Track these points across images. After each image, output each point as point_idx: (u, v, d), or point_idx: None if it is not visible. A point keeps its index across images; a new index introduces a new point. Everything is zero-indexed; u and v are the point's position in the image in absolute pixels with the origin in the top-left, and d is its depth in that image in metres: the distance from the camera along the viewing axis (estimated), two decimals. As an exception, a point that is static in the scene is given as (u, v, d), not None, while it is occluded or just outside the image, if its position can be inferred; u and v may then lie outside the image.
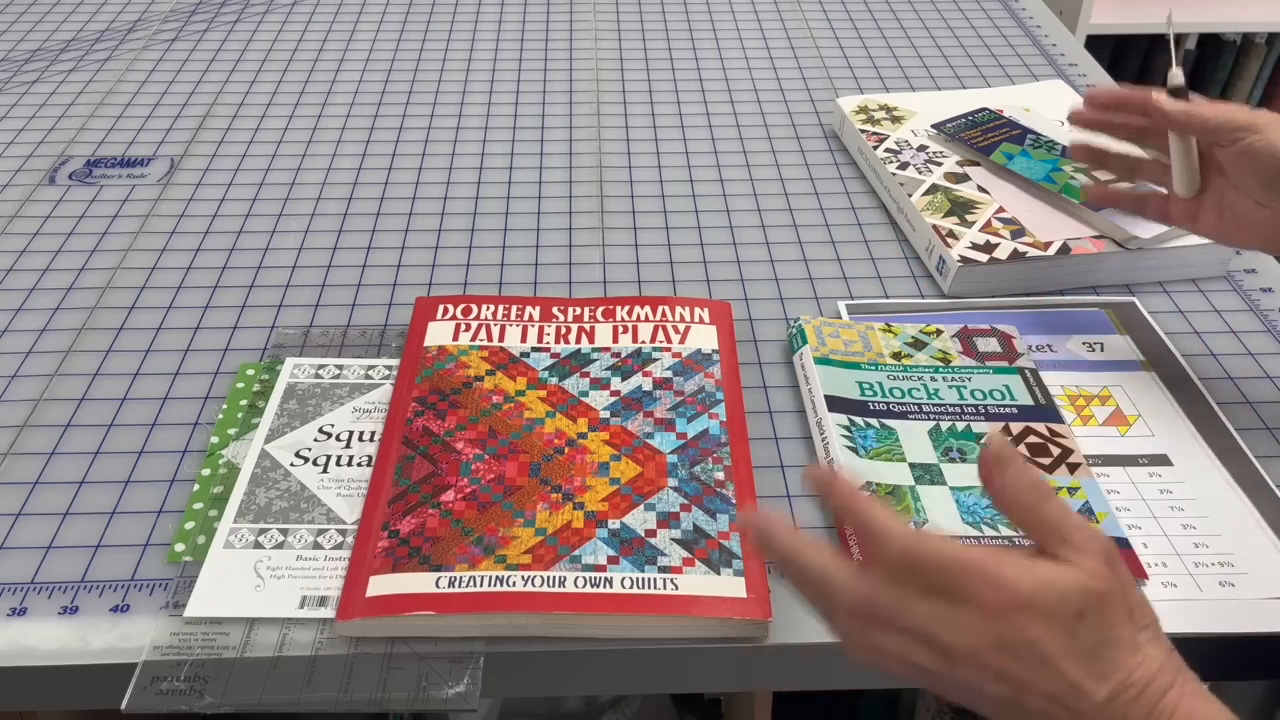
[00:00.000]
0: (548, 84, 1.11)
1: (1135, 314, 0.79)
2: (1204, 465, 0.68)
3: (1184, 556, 0.62)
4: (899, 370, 0.73)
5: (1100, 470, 0.67)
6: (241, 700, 0.55)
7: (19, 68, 1.12)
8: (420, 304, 0.79)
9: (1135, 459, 0.68)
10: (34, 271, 0.84)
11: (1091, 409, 0.71)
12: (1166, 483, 0.67)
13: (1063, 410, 0.71)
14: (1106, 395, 0.72)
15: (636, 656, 0.59)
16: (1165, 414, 0.71)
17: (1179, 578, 0.61)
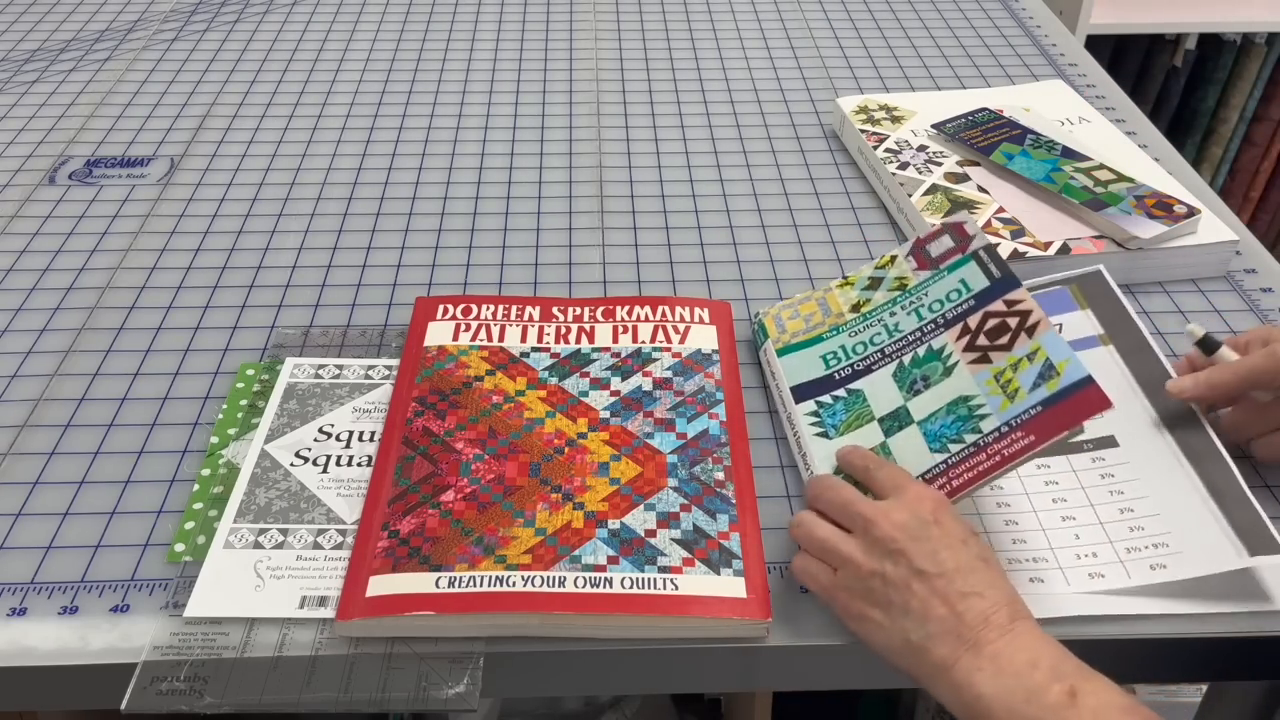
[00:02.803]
0: (548, 84, 1.11)
1: (1098, 283, 0.77)
2: (1151, 440, 0.67)
3: (1115, 543, 0.62)
4: (859, 323, 0.72)
5: (1041, 462, 0.67)
6: (241, 700, 0.55)
7: (19, 68, 1.12)
8: (420, 304, 0.79)
9: (1080, 445, 0.68)
10: (34, 271, 0.84)
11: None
12: (1109, 466, 0.67)
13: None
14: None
15: (636, 656, 0.59)
16: (1117, 389, 0.69)
17: (1107, 566, 0.61)
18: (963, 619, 0.52)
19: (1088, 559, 0.62)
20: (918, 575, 0.54)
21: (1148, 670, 0.62)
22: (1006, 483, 0.67)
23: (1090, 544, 0.63)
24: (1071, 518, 0.64)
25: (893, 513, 0.56)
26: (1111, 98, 1.09)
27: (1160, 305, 0.81)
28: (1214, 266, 0.84)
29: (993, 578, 0.54)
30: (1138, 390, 0.70)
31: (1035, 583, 0.61)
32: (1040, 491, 0.66)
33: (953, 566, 0.53)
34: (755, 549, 0.61)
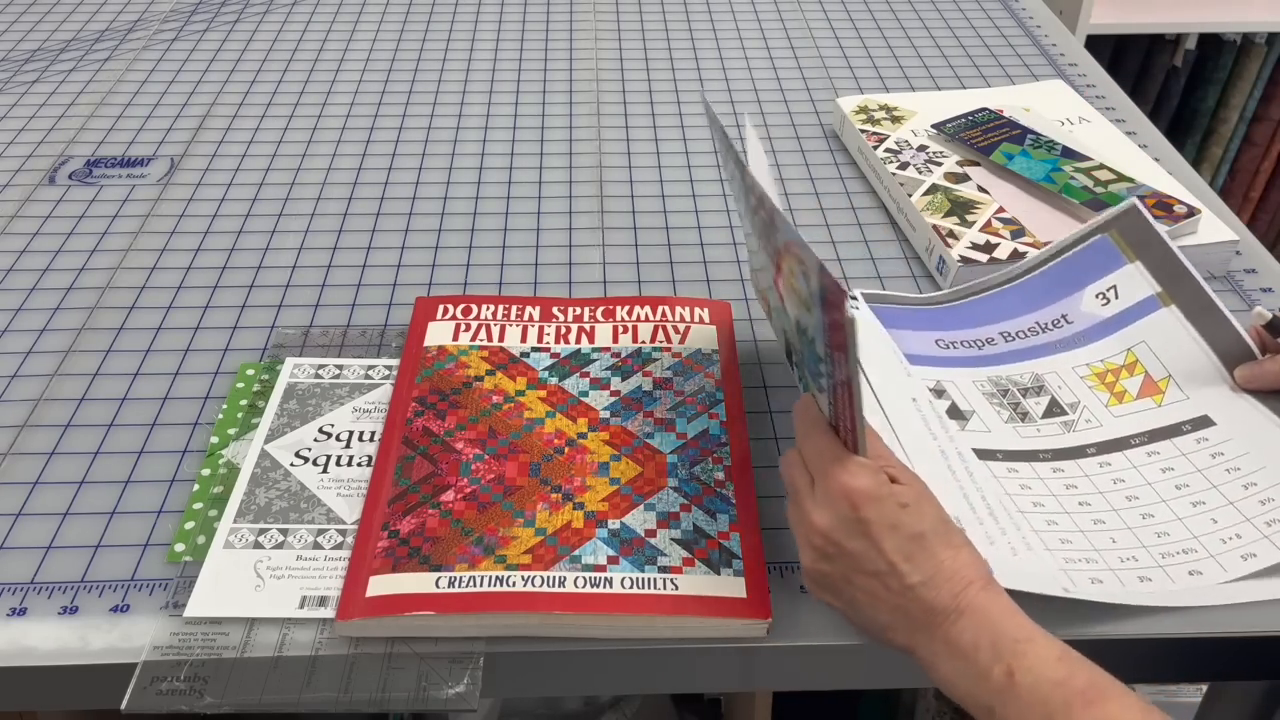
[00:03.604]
0: (548, 84, 1.11)
1: (1138, 223, 0.75)
2: (1245, 413, 0.67)
3: (1254, 520, 0.62)
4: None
5: (1151, 449, 0.67)
6: (241, 700, 0.55)
7: (19, 68, 1.12)
8: (420, 304, 0.79)
9: (1179, 428, 0.68)
10: (34, 271, 0.84)
11: (1123, 384, 0.71)
12: (1215, 445, 0.66)
13: (1095, 393, 0.70)
14: (1133, 361, 0.71)
15: (636, 656, 0.59)
16: (1194, 362, 0.70)
17: (1255, 544, 0.61)
18: (910, 613, 0.53)
19: (1234, 541, 0.61)
20: (858, 573, 0.54)
21: (1148, 670, 0.62)
22: (1128, 475, 0.66)
23: (1230, 525, 0.62)
24: (1201, 502, 0.64)
25: (817, 516, 0.54)
26: (1111, 98, 1.09)
27: (1160, 305, 0.81)
28: (1214, 266, 0.84)
29: (930, 558, 0.53)
30: (1213, 358, 0.69)
31: (1195, 575, 0.60)
32: (1160, 480, 0.66)
33: (885, 566, 0.53)
34: (755, 549, 0.61)
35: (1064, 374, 0.72)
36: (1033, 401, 0.71)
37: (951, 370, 0.73)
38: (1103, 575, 0.61)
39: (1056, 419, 0.70)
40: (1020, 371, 0.73)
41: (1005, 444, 0.68)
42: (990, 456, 0.67)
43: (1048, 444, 0.69)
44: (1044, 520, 0.64)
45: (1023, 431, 0.69)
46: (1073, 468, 0.67)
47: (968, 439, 0.68)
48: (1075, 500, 0.65)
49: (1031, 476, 0.66)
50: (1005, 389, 0.72)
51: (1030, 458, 0.68)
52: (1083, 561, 0.61)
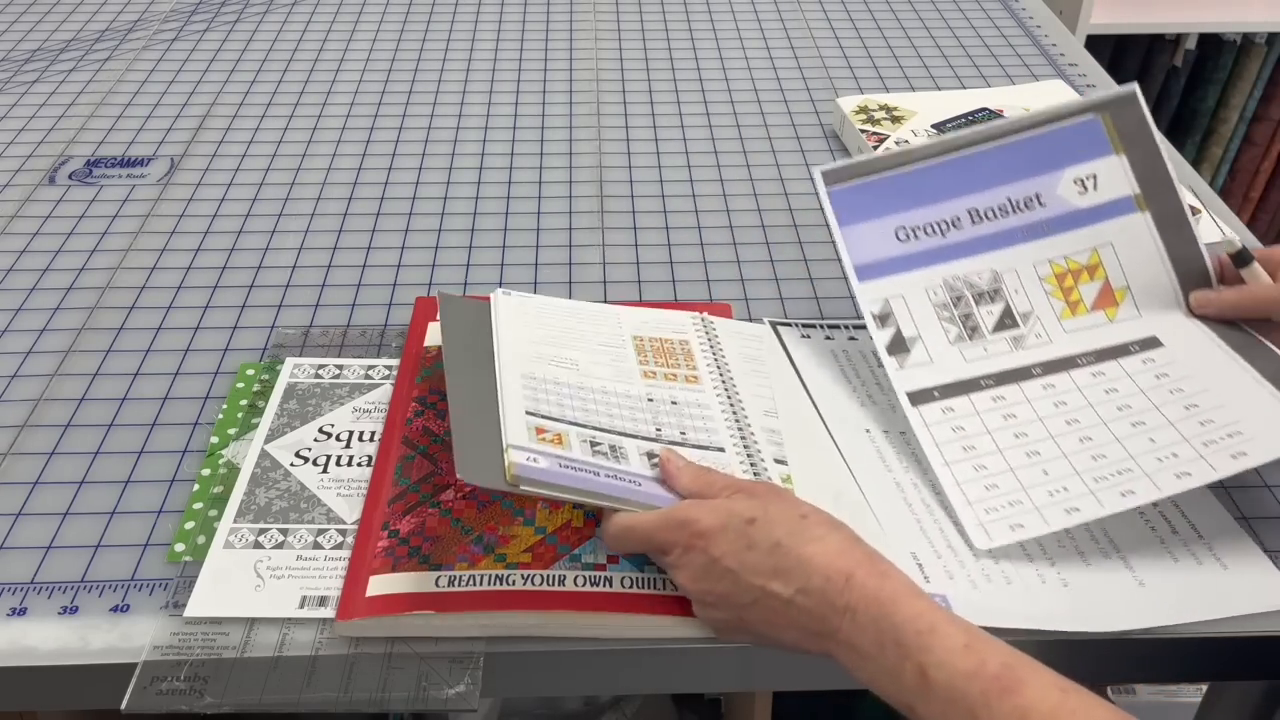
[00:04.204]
0: (548, 84, 1.11)
1: (1133, 114, 0.72)
2: (1192, 335, 0.68)
3: (1192, 440, 0.62)
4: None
5: (1097, 369, 0.67)
6: (241, 700, 0.55)
7: (19, 68, 1.13)
8: (420, 304, 0.79)
9: (1126, 348, 0.68)
10: (34, 271, 0.84)
11: (1080, 290, 0.70)
12: (1161, 366, 0.67)
13: (1051, 300, 0.70)
14: (1096, 264, 0.71)
15: (636, 656, 0.59)
16: (1153, 277, 0.70)
17: (1191, 464, 0.61)
18: (804, 625, 0.52)
19: (1170, 460, 0.61)
20: (742, 608, 0.54)
21: (1148, 670, 0.62)
22: (1070, 398, 0.66)
23: (1168, 445, 0.62)
24: (1141, 423, 0.64)
25: (682, 577, 0.56)
26: (1111, 98, 1.09)
27: (1160, 305, 0.81)
28: (1214, 266, 0.84)
29: (796, 563, 0.53)
30: (1172, 276, 0.70)
31: (1127, 496, 0.60)
32: (1103, 402, 0.66)
33: (758, 592, 0.53)
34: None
35: (1024, 273, 0.71)
36: (985, 311, 0.70)
37: (905, 277, 0.71)
38: (1024, 518, 0.61)
39: (1006, 333, 0.70)
40: (980, 268, 0.71)
41: (945, 375, 0.68)
42: (926, 398, 0.68)
43: (993, 366, 0.69)
44: (971, 467, 0.64)
45: (968, 353, 0.69)
46: (1014, 393, 0.67)
47: (902, 380, 0.68)
48: (1011, 433, 0.65)
49: (968, 413, 0.67)
50: (960, 295, 0.70)
51: (970, 388, 0.68)
52: (1006, 506, 0.62)
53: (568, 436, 0.61)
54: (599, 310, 0.75)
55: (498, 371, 0.65)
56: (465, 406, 0.61)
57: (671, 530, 0.56)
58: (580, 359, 0.68)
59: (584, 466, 0.59)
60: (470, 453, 0.57)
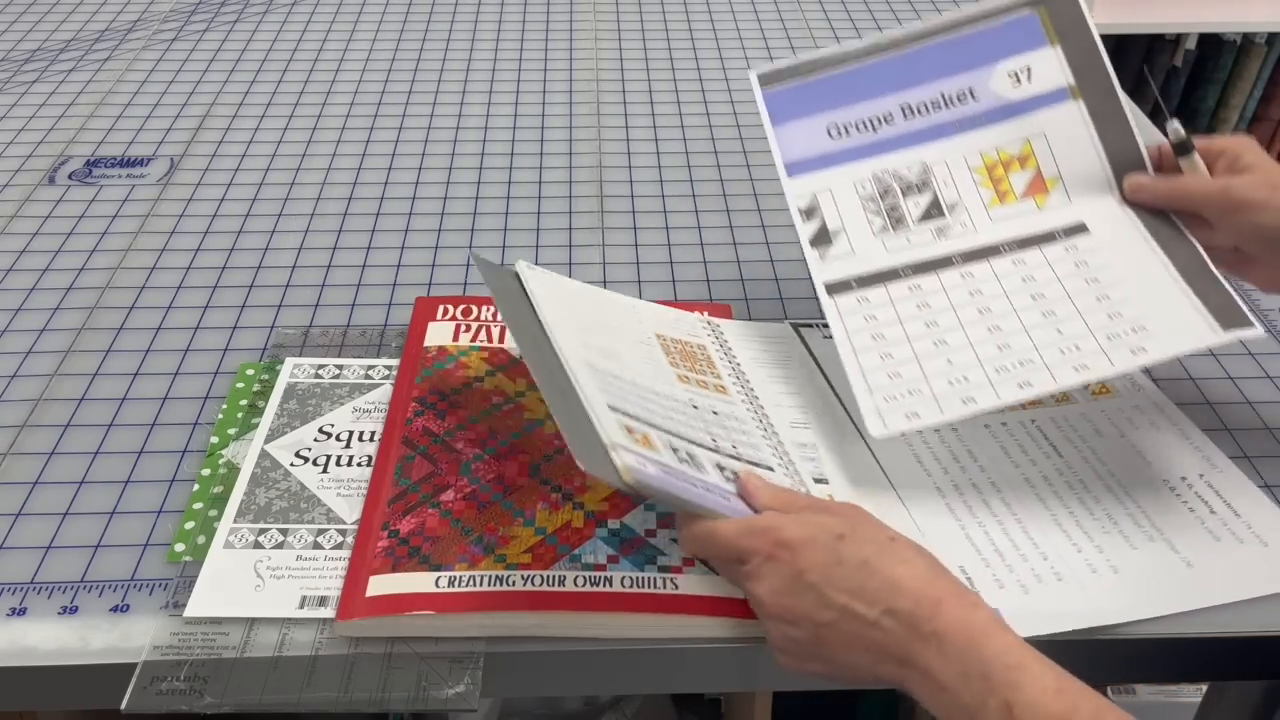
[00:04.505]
0: (548, 84, 1.11)
1: (1069, 7, 0.72)
2: (1119, 223, 0.68)
3: (1097, 333, 0.63)
4: None
5: (1017, 257, 0.68)
6: (241, 700, 0.55)
7: (19, 68, 1.13)
8: (420, 304, 0.79)
9: (1052, 235, 0.68)
10: (34, 271, 0.84)
11: (1010, 179, 0.70)
12: (1083, 254, 0.67)
13: (980, 189, 0.70)
14: (1028, 154, 0.70)
15: (636, 656, 0.59)
16: (1086, 165, 0.69)
17: (1091, 357, 0.62)
18: (885, 647, 0.50)
19: (1072, 353, 0.63)
20: (824, 626, 0.51)
21: (1148, 670, 0.62)
22: (986, 286, 0.67)
23: (1073, 337, 0.63)
24: (1052, 313, 0.65)
25: (760, 588, 0.53)
26: (1111, 98, 1.08)
27: (1160, 305, 0.81)
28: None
29: (884, 584, 0.51)
30: (1105, 165, 0.69)
31: (1025, 387, 0.62)
32: (1017, 290, 0.66)
33: (846, 599, 0.51)
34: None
35: (954, 164, 0.71)
36: (912, 202, 0.70)
37: (835, 171, 0.71)
38: (921, 406, 0.62)
39: (931, 223, 0.70)
40: (909, 161, 0.71)
41: (865, 266, 0.69)
42: (843, 289, 0.68)
43: (913, 256, 0.69)
44: (878, 356, 0.65)
45: (891, 244, 0.69)
46: (931, 283, 0.68)
47: (822, 271, 0.69)
48: (921, 323, 0.66)
49: (882, 303, 0.67)
50: (887, 188, 0.70)
51: (888, 278, 0.68)
52: (905, 394, 0.63)
53: (653, 439, 0.59)
54: (616, 300, 0.74)
55: (560, 353, 0.62)
56: (551, 386, 0.58)
57: (755, 537, 0.54)
58: (624, 353, 0.67)
59: (680, 475, 0.57)
60: (582, 442, 0.54)
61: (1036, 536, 0.62)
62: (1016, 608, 0.57)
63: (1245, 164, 0.65)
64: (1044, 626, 0.57)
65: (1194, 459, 0.67)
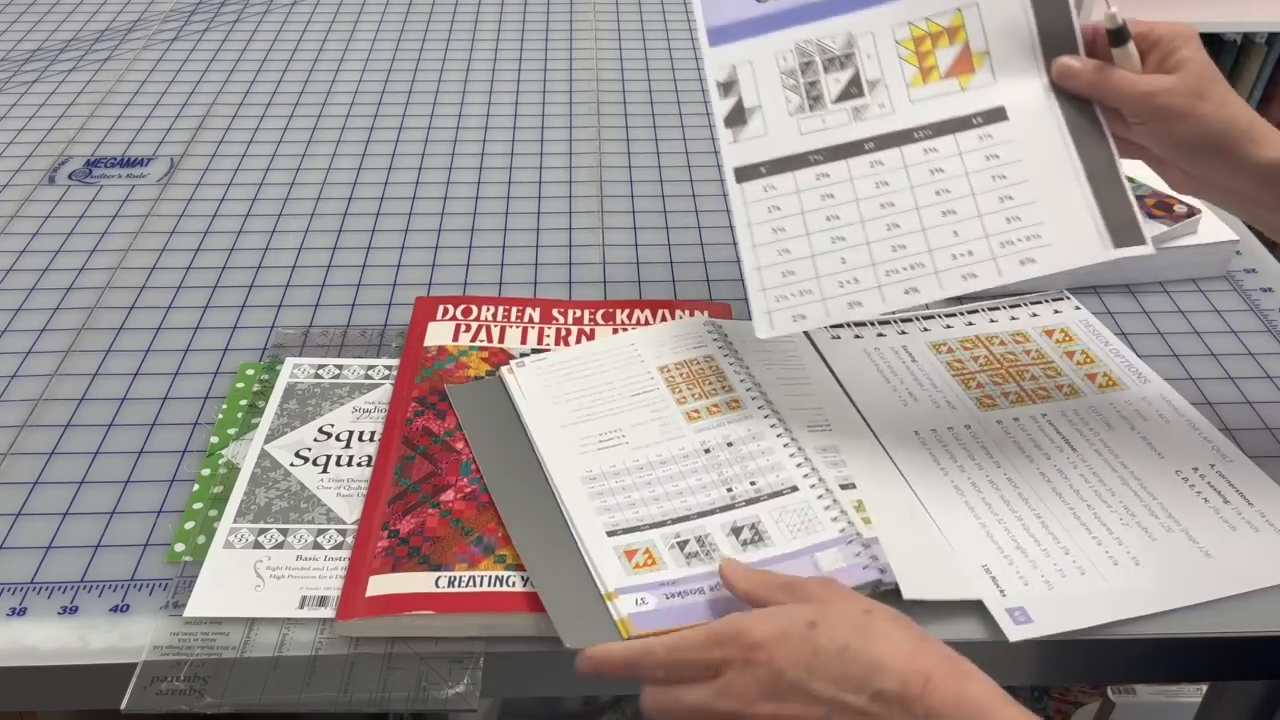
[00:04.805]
0: (548, 84, 1.11)
1: None
2: (1039, 113, 0.66)
3: (991, 238, 0.64)
4: None
5: (930, 144, 0.66)
6: (241, 700, 0.55)
7: (19, 68, 1.12)
8: (420, 304, 0.79)
9: (969, 120, 0.67)
10: (34, 271, 0.84)
11: (937, 54, 0.67)
12: (996, 144, 0.66)
13: (904, 65, 0.67)
14: (958, 25, 0.67)
15: (636, 656, 0.59)
16: (1017, 42, 0.67)
17: (980, 265, 0.63)
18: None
19: (963, 258, 0.63)
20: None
21: (1148, 670, 0.62)
22: (893, 178, 0.66)
23: (967, 240, 0.63)
24: (952, 212, 0.65)
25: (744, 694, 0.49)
26: (1111, 98, 1.08)
27: (1160, 305, 0.82)
28: (1214, 266, 0.84)
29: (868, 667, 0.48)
30: (1037, 44, 0.66)
31: (910, 294, 0.63)
32: (923, 184, 0.66)
33: (833, 690, 0.48)
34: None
35: (880, 36, 0.68)
36: (832, 78, 0.68)
37: (758, 41, 0.69)
38: (808, 309, 0.63)
39: (849, 103, 0.67)
40: (836, 31, 0.68)
41: (777, 149, 0.67)
42: (752, 174, 0.67)
43: (827, 140, 0.67)
44: (776, 251, 0.65)
45: (805, 125, 0.67)
46: (840, 170, 0.67)
47: (733, 154, 0.68)
48: (824, 215, 0.66)
49: (788, 191, 0.66)
50: (810, 60, 0.68)
51: (798, 164, 0.67)
52: (796, 295, 0.64)
53: (656, 549, 0.60)
54: (613, 345, 0.74)
55: (551, 481, 0.64)
56: (531, 536, 0.60)
57: (723, 645, 0.50)
58: (624, 426, 0.67)
59: (688, 586, 0.58)
60: (565, 607, 0.56)
61: (1057, 531, 0.62)
62: (1044, 604, 0.58)
63: (1177, 60, 0.62)
64: (1071, 621, 0.57)
65: (1205, 450, 0.67)
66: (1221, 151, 0.61)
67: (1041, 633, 0.57)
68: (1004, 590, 0.59)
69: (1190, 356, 0.76)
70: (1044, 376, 0.73)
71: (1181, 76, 0.62)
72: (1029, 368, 0.74)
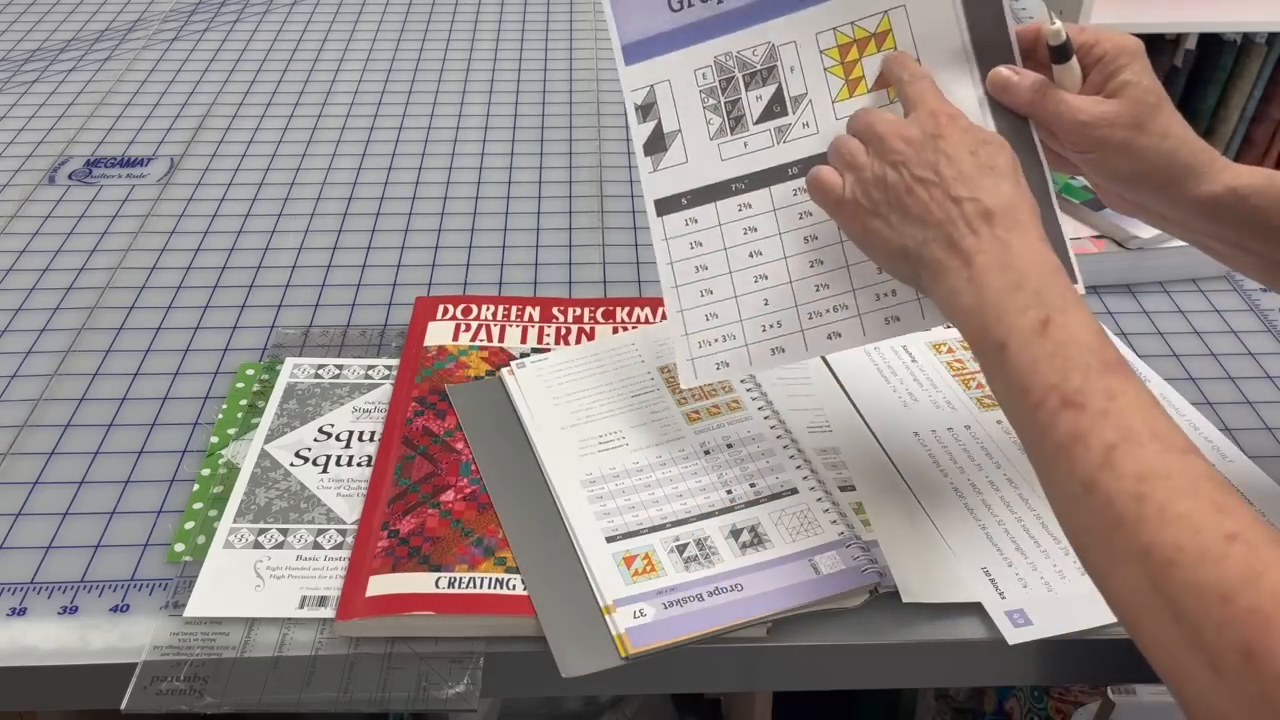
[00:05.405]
0: (548, 84, 1.11)
1: None
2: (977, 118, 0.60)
3: None
4: None
5: None
6: (241, 700, 0.55)
7: (19, 68, 1.12)
8: (420, 304, 0.79)
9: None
10: (34, 271, 0.84)
11: (863, 65, 0.62)
12: None
13: (829, 77, 0.63)
14: (885, 30, 0.62)
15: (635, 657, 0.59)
16: (947, 50, 0.61)
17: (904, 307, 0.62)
18: (956, 224, 0.52)
19: (888, 299, 0.61)
20: (918, 182, 0.54)
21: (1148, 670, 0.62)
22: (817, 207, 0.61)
23: (891, 280, 0.61)
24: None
25: (904, 129, 0.56)
26: (1111, 98, 1.08)
27: (1160, 305, 0.81)
28: (1214, 266, 0.84)
29: (995, 184, 0.53)
30: (970, 52, 0.61)
31: (834, 339, 0.62)
32: None
33: (952, 174, 0.53)
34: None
35: (804, 45, 0.63)
36: (754, 96, 0.64)
37: (675, 56, 0.65)
38: (731, 355, 0.63)
39: (771, 123, 0.63)
40: (756, 41, 0.63)
41: (698, 178, 0.64)
42: (673, 206, 0.65)
43: (749, 166, 0.64)
44: (699, 292, 0.64)
45: (727, 150, 0.64)
46: (762, 200, 0.63)
47: (653, 185, 0.65)
48: (746, 251, 0.63)
49: (710, 224, 0.64)
50: (730, 77, 0.64)
51: (720, 193, 0.64)
52: (719, 340, 0.63)
53: (656, 555, 0.60)
54: (614, 345, 0.74)
55: (551, 485, 0.64)
56: (529, 546, 0.60)
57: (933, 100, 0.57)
58: (624, 428, 0.67)
59: (686, 593, 0.58)
60: (563, 631, 0.56)
61: (1056, 532, 0.62)
62: (1044, 606, 0.58)
63: (1120, 82, 0.59)
64: (1070, 623, 0.57)
65: (1204, 449, 0.67)
66: (1159, 186, 0.60)
67: (1040, 635, 0.57)
68: (1003, 593, 0.59)
69: (1190, 356, 0.76)
70: None
71: (1122, 104, 0.58)
72: None
